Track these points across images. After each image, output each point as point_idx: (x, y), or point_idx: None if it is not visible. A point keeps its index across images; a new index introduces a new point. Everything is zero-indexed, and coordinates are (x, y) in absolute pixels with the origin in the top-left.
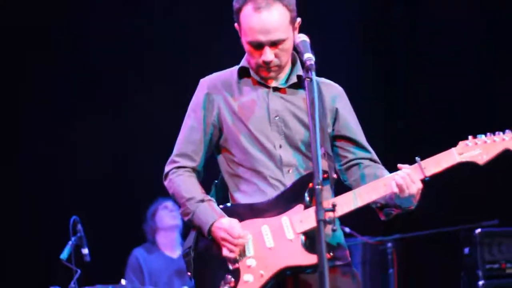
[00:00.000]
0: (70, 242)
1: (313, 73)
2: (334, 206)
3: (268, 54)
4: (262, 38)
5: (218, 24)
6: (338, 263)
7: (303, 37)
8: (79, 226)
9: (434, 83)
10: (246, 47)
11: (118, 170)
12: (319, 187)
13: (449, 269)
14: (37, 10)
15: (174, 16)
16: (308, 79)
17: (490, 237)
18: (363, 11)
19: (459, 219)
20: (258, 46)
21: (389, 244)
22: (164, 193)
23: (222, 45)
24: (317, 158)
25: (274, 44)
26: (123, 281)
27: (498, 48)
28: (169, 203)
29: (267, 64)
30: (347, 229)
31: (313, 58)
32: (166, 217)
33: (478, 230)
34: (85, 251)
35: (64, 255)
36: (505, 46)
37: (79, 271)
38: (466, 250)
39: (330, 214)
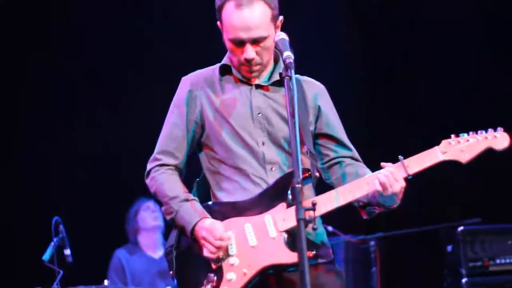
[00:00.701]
0: (52, 243)
1: (292, 71)
2: (314, 204)
3: (250, 52)
4: (243, 35)
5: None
6: (321, 261)
7: (282, 35)
8: (61, 227)
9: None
10: (228, 44)
11: (100, 171)
12: (299, 185)
13: (432, 267)
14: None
15: (173, 16)
16: (288, 77)
17: (473, 235)
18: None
19: (442, 217)
20: (240, 44)
21: (372, 243)
22: (146, 193)
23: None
24: (297, 156)
25: (255, 41)
26: (105, 282)
27: (490, 45)
28: (150, 203)
29: (248, 62)
30: (329, 228)
31: (292, 56)
32: (148, 217)
33: (461, 228)
34: (67, 252)
35: (46, 256)
36: (498, 41)
37: (61, 272)
38: (449, 248)
39: (311, 212)
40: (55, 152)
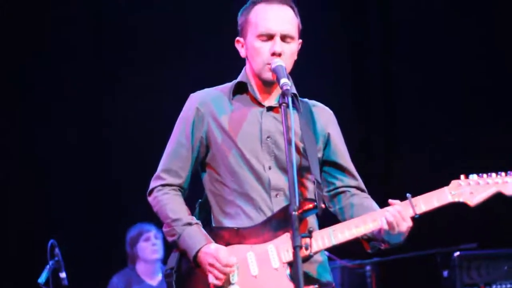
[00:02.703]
0: (47, 266)
1: (289, 98)
2: (310, 232)
3: (278, 45)
4: (275, 27)
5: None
6: None
7: (279, 62)
8: (57, 250)
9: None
10: (254, 44)
11: (97, 194)
12: (295, 213)
13: None
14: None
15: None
16: (285, 105)
17: (469, 260)
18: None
19: (438, 242)
20: (269, 37)
21: (368, 267)
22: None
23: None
24: (294, 183)
25: (284, 37)
26: None
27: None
28: (151, 234)
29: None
30: (326, 253)
31: (289, 83)
32: (148, 249)
33: (457, 253)
34: (63, 275)
35: (42, 279)
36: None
37: None
38: (445, 273)
39: (307, 240)
40: (52, 175)
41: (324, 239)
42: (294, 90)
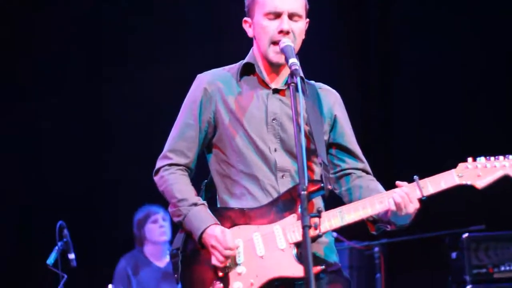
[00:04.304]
0: (56, 247)
1: (298, 78)
2: (319, 212)
3: (286, 23)
4: (282, 5)
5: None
6: (328, 269)
7: (288, 42)
8: (66, 231)
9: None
10: (262, 22)
11: (107, 175)
12: (304, 192)
13: (437, 273)
14: None
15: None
16: (293, 85)
17: (477, 242)
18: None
19: (446, 224)
20: (276, 16)
21: (376, 249)
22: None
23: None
24: (303, 163)
25: (291, 16)
26: (110, 287)
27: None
28: (159, 216)
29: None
30: (334, 234)
31: (298, 63)
32: (155, 231)
33: (465, 235)
34: (72, 256)
35: (50, 260)
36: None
37: (65, 276)
38: (453, 255)
39: (316, 219)
40: (62, 156)
41: (332, 220)
42: (301, 73)
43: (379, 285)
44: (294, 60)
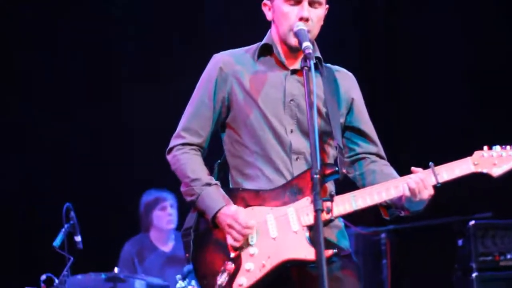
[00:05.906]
0: (63, 229)
1: (312, 61)
2: (332, 196)
3: (306, 10)
4: None
5: None
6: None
7: (301, 26)
8: (72, 213)
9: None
10: (282, 8)
11: (113, 158)
12: (317, 176)
13: (443, 261)
14: None
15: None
16: (306, 68)
17: (484, 229)
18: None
19: (453, 211)
20: (296, 2)
21: (383, 235)
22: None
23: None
24: (316, 147)
25: (312, 3)
26: (116, 269)
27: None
28: (167, 203)
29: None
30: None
31: (311, 47)
32: (164, 219)
33: (472, 222)
34: (78, 238)
35: (57, 242)
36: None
37: (71, 258)
38: (460, 242)
39: (328, 203)
40: (69, 139)
41: (345, 204)
42: (318, 54)
43: (385, 271)
44: (307, 44)
